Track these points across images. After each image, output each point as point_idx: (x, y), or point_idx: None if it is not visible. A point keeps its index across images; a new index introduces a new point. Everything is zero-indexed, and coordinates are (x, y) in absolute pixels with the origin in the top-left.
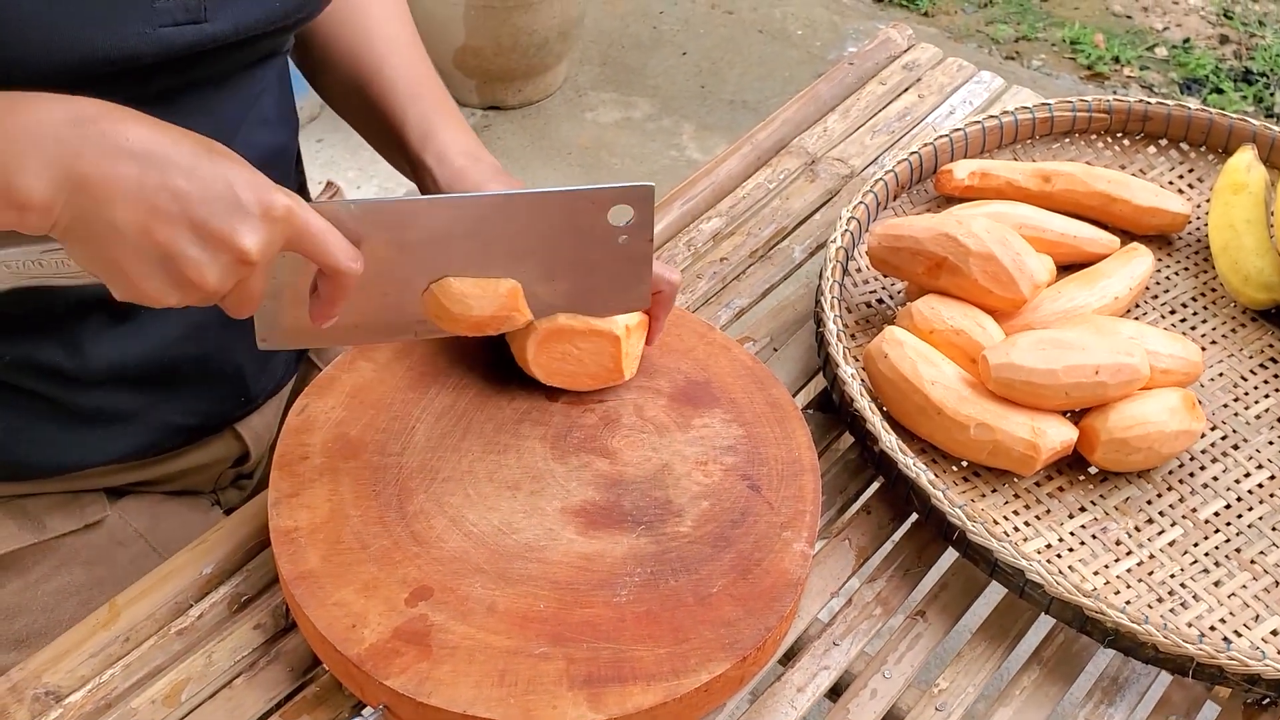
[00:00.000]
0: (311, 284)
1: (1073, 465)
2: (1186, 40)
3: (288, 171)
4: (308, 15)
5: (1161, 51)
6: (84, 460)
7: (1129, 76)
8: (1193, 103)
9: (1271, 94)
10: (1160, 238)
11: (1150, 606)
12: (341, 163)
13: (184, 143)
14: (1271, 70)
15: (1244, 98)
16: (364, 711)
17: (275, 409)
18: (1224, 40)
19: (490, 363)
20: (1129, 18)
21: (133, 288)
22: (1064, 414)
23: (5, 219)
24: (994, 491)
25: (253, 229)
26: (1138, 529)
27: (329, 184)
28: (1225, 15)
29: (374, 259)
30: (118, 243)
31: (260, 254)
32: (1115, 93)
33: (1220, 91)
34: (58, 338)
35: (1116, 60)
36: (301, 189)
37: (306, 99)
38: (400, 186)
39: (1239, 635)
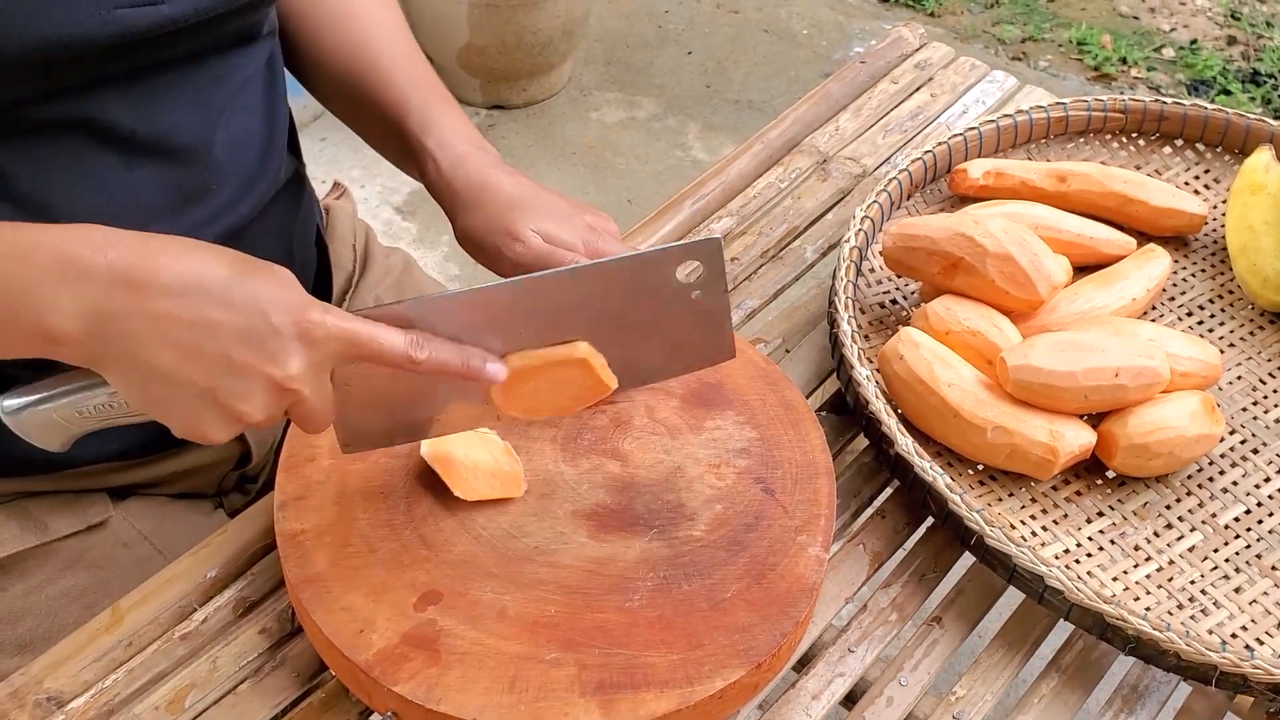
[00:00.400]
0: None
1: (1090, 469)
2: (1194, 41)
3: (278, 160)
4: None
5: (1169, 52)
6: (81, 455)
7: (1136, 77)
8: (1207, 103)
9: None
10: (1176, 239)
11: (1170, 613)
12: (345, 161)
13: (219, 268)
14: (1279, 71)
15: (1252, 99)
16: (371, 718)
17: None
18: (1231, 41)
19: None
20: (1136, 18)
21: (184, 425)
22: (1081, 417)
23: (38, 349)
24: (1011, 495)
25: (290, 354)
26: (1157, 534)
27: (335, 184)
28: (1233, 16)
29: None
30: (157, 381)
31: (304, 378)
32: (1123, 93)
33: (1228, 93)
34: None
35: (1124, 61)
36: (298, 177)
37: (307, 98)
38: (406, 185)
39: (1260, 643)
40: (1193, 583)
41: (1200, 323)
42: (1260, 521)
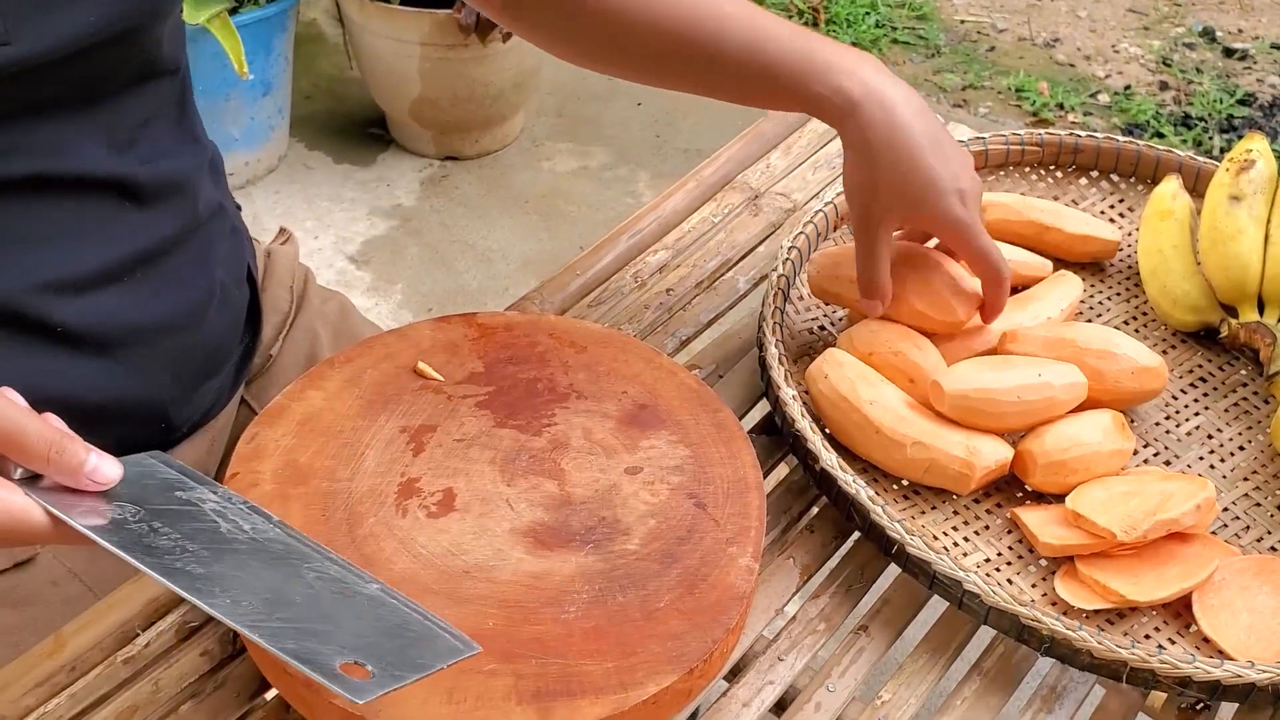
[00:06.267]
0: None
1: (1010, 483)
2: (1128, 87)
3: (191, 202)
4: (131, 27)
5: (1104, 98)
6: None
7: (1073, 122)
8: (1121, 136)
9: (1210, 138)
10: (1093, 265)
11: (1086, 617)
12: (298, 213)
13: None
14: (1209, 115)
15: (1184, 141)
16: None
17: (207, 444)
18: (1164, 86)
19: (437, 390)
20: (1072, 65)
21: None
22: (1004, 436)
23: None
24: (933, 509)
25: None
26: None
27: (281, 230)
28: (1164, 63)
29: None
30: None
31: None
32: None
33: (1161, 135)
34: None
35: (1061, 106)
36: (222, 214)
37: (261, 152)
38: (359, 235)
39: (1172, 643)
40: None
41: None
42: None
